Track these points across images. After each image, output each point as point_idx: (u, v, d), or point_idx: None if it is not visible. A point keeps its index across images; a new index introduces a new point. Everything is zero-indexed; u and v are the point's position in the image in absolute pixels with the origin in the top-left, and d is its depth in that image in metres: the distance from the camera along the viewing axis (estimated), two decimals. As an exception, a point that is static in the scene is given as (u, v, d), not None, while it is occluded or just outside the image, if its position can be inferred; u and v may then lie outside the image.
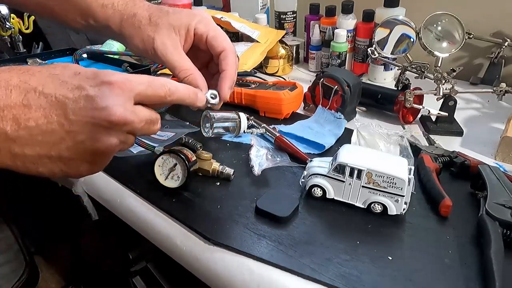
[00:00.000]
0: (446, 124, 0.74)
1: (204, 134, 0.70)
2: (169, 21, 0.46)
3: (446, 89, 0.72)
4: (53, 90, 0.31)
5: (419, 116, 0.79)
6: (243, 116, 0.69)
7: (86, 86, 0.31)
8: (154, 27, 0.46)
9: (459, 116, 0.76)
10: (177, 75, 0.45)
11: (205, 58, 0.51)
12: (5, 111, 0.30)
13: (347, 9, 0.97)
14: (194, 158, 0.55)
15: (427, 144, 0.66)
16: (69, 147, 0.32)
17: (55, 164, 0.33)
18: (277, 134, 0.66)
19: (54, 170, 0.33)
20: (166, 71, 0.99)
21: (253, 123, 0.71)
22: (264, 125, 0.70)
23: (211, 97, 0.45)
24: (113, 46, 1.09)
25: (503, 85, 0.71)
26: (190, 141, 0.57)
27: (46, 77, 0.32)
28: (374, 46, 0.79)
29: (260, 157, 0.59)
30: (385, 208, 0.49)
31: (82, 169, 0.35)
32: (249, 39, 1.07)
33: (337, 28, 0.98)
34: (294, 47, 1.13)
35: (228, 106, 0.81)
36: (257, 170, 0.56)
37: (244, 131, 0.69)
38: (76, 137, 0.32)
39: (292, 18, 1.13)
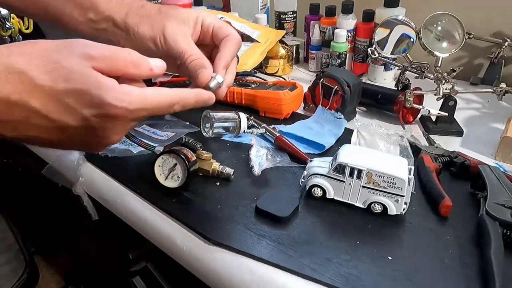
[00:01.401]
0: (446, 124, 0.74)
1: (204, 134, 0.70)
2: (179, 13, 0.47)
3: (446, 89, 0.72)
4: (57, 116, 0.31)
5: (419, 116, 0.79)
6: (243, 116, 0.69)
7: (90, 118, 0.32)
8: (164, 16, 0.46)
9: (459, 116, 0.76)
10: (185, 60, 0.44)
11: (210, 53, 0.50)
12: (5, 124, 0.31)
13: (347, 9, 0.97)
14: (194, 158, 0.56)
15: (427, 144, 0.66)
16: (67, 146, 0.36)
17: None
18: (277, 134, 0.66)
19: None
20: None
21: (253, 123, 0.71)
22: (264, 125, 0.70)
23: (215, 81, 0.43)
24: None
25: (503, 85, 0.71)
26: (190, 141, 0.57)
27: (48, 98, 0.30)
28: (374, 46, 0.79)
29: (260, 157, 0.59)
30: (385, 208, 0.49)
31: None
32: (249, 39, 1.07)
33: (337, 28, 0.98)
34: (294, 47, 1.13)
35: (228, 106, 0.81)
36: (257, 170, 0.56)
37: (244, 131, 0.69)
38: (76, 146, 0.36)
39: (292, 18, 1.13)
